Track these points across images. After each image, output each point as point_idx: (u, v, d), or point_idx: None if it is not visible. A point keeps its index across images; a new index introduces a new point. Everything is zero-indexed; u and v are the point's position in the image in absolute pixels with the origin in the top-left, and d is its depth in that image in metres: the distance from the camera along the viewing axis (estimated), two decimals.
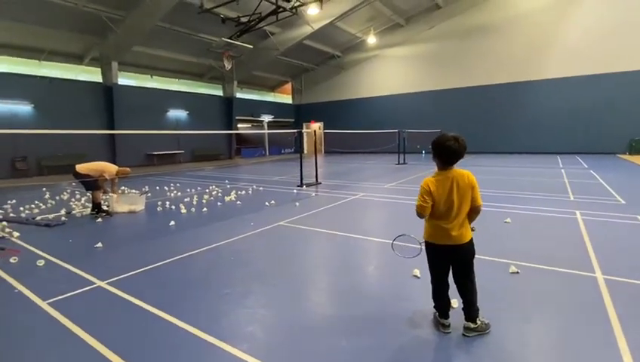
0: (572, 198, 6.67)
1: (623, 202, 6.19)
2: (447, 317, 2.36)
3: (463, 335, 2.25)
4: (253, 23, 14.13)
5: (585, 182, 8.64)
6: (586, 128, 17.00)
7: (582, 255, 3.65)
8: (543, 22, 17.77)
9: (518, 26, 18.43)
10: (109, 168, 6.41)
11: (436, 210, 2.24)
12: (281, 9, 12.75)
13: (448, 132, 2.29)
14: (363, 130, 18.25)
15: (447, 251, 2.28)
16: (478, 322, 2.25)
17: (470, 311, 2.26)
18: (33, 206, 6.97)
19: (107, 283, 3.21)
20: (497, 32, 19.01)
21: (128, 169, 6.83)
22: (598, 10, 16.45)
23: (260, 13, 13.43)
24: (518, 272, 3.21)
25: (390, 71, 23.12)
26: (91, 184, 6.23)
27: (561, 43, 17.47)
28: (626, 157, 15.00)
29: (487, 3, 19.10)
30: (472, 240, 2.29)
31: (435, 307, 2.42)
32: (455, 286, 2.33)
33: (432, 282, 2.40)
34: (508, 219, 5.10)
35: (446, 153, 2.18)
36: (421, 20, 20.75)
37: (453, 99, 20.64)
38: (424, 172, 11.65)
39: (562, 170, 11.00)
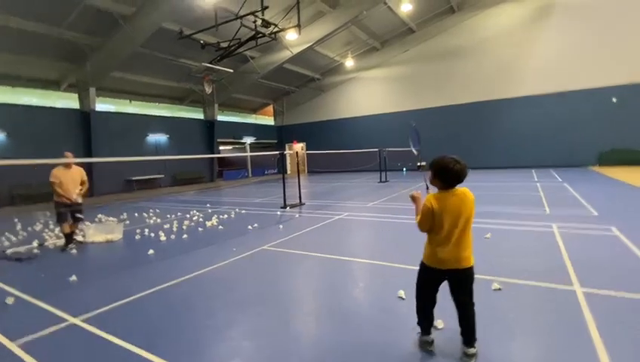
0: (548, 212, 6.88)
1: (595, 214, 6.42)
2: (429, 333, 2.35)
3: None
4: (233, 48, 14.32)
5: (560, 195, 8.94)
6: (558, 142, 17.75)
7: (560, 268, 3.74)
8: (512, 43, 18.77)
9: (489, 48, 19.39)
10: (52, 179, 5.77)
11: (439, 230, 2.18)
12: (260, 34, 12.99)
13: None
14: (344, 150, 18.48)
15: (446, 275, 2.24)
16: (476, 346, 2.22)
17: (472, 335, 2.21)
18: (3, 238, 6.65)
19: (81, 320, 3.05)
20: (469, 54, 19.91)
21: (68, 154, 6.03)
22: (563, 31, 17.52)
23: (240, 38, 13.63)
24: (500, 289, 3.25)
25: (368, 92, 23.73)
26: (57, 216, 5.87)
27: (530, 62, 18.42)
28: (597, 168, 15.69)
29: (458, 27, 20.06)
30: (472, 266, 2.24)
31: (418, 323, 2.39)
32: (438, 306, 2.33)
33: (418, 299, 2.37)
34: (488, 235, 5.20)
35: (450, 176, 2.16)
36: (396, 44, 21.55)
37: (429, 118, 21.24)
38: (406, 189, 11.81)
39: (537, 184, 11.36)
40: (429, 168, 2.25)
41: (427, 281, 2.32)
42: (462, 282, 2.24)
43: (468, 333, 2.23)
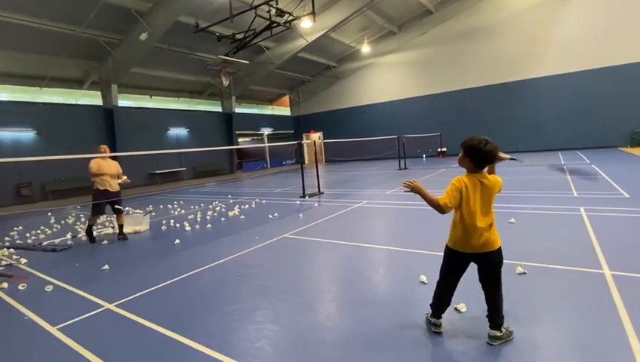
0: (576, 194, 6.65)
1: (627, 196, 6.16)
2: (440, 317, 2.37)
3: (488, 343, 2.19)
4: (248, 39, 14.33)
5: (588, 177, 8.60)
6: (586, 123, 17.01)
7: (588, 252, 3.64)
8: (536, 20, 17.95)
9: (511, 26, 18.62)
10: (91, 165, 5.84)
11: (467, 213, 2.13)
12: (275, 24, 12.93)
13: (474, 135, 2.20)
14: (362, 138, 18.34)
15: (472, 259, 2.22)
16: (503, 330, 2.21)
17: (497, 319, 2.20)
18: (39, 231, 7.02)
19: (115, 306, 3.22)
20: (491, 33, 19.19)
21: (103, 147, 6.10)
22: (590, 5, 16.62)
23: (255, 29, 13.63)
24: (524, 273, 3.20)
25: (386, 78, 23.32)
26: (93, 207, 6.04)
27: (556, 40, 17.60)
28: (628, 149, 14.96)
29: (478, 6, 19.33)
30: (500, 247, 2.21)
31: (431, 305, 2.39)
32: (456, 290, 2.33)
33: (441, 283, 2.36)
34: (512, 219, 5.09)
35: (481, 156, 2.12)
36: (413, 27, 21.00)
37: (451, 102, 20.75)
38: (426, 176, 11.66)
39: (564, 166, 10.97)
40: (462, 149, 2.20)
41: (453, 266, 2.28)
42: (492, 264, 2.20)
43: (493, 316, 2.21)
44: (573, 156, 14.18)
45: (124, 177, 6.20)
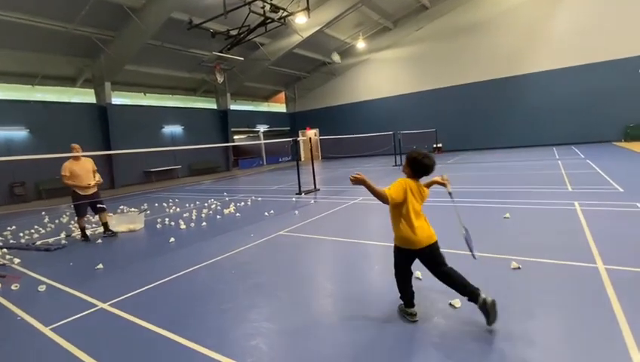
0: (570, 189, 6.69)
1: (621, 190, 6.20)
2: (412, 305, 2.51)
3: (487, 326, 2.25)
4: (242, 36, 14.26)
5: (582, 172, 8.66)
6: (581, 118, 17.09)
7: (582, 246, 3.66)
8: (531, 16, 17.96)
9: (506, 22, 18.63)
10: (63, 173, 5.78)
11: (409, 212, 2.38)
12: (269, 20, 12.87)
13: (423, 145, 2.42)
14: (358, 134, 18.33)
15: (418, 254, 2.41)
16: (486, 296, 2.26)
17: (468, 289, 2.28)
18: (33, 231, 6.95)
19: (109, 305, 3.19)
20: (486, 29, 19.19)
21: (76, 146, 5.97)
22: (584, 0, 16.64)
23: (249, 25, 13.56)
24: (519, 267, 3.21)
25: (382, 74, 23.28)
26: (75, 209, 5.95)
27: (550, 35, 17.64)
28: (622, 144, 15.06)
29: (473, 1, 19.30)
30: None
31: (401, 298, 2.56)
32: (435, 279, 2.43)
33: (399, 278, 2.54)
34: (507, 215, 5.11)
35: (419, 167, 2.47)
36: (409, 22, 20.94)
37: (447, 97, 20.76)
38: None
39: (559, 162, 11.03)
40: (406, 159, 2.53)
41: (404, 263, 2.50)
42: (436, 254, 2.41)
43: (464, 290, 2.30)
44: (568, 151, 14.26)
45: (98, 176, 6.11)
